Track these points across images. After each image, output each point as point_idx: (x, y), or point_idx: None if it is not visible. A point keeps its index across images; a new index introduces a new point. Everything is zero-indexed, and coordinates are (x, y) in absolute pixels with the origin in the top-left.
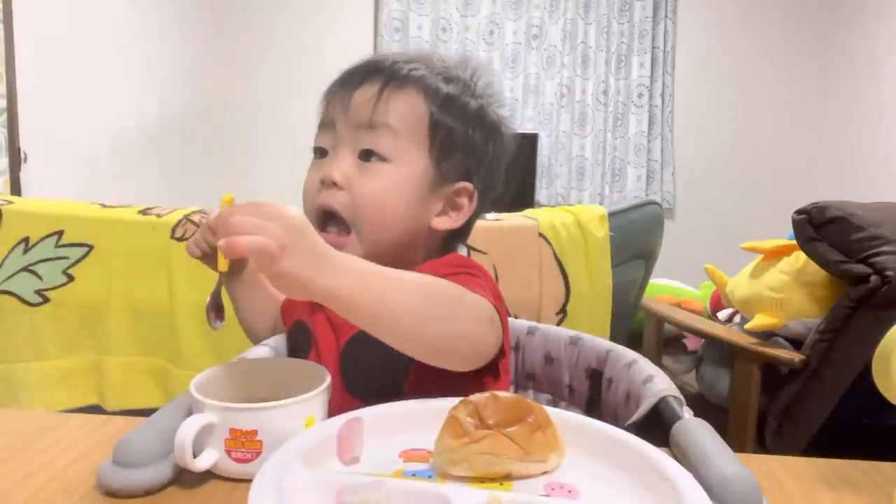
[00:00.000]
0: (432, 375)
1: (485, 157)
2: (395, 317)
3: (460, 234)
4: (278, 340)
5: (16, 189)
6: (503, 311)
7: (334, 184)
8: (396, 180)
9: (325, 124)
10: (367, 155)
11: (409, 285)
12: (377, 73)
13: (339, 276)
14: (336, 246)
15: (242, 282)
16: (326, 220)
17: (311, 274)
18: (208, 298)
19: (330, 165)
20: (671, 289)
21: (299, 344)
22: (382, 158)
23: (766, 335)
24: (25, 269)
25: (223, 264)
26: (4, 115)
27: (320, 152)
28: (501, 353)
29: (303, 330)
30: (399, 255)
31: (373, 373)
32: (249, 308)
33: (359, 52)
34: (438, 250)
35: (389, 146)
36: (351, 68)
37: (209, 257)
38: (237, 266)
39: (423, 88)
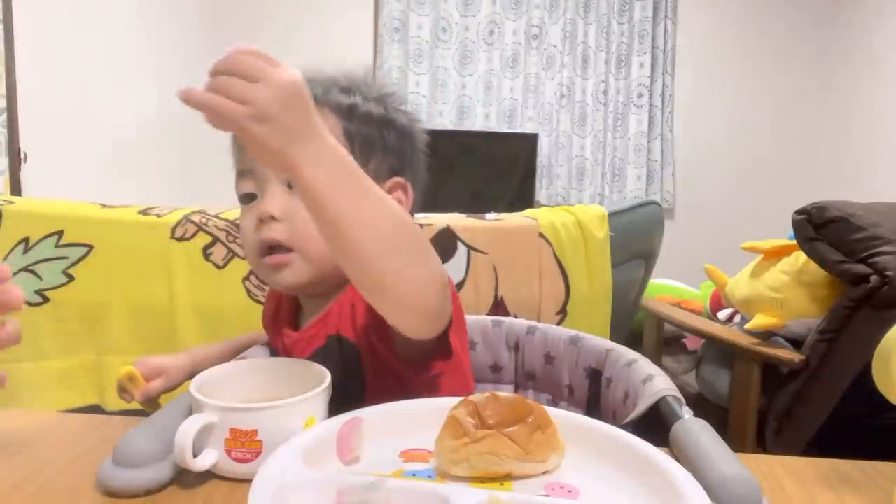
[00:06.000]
0: (388, 379)
1: (405, 154)
2: (358, 233)
3: None
4: None
5: (16, 189)
6: (454, 293)
7: (273, 218)
8: None
9: (244, 173)
10: None
11: (384, 207)
12: None
13: (315, 163)
14: (281, 263)
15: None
16: (270, 249)
17: (286, 150)
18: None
19: (265, 203)
20: (671, 289)
21: None
22: None
23: (766, 335)
24: (25, 269)
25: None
26: (4, 115)
27: (248, 198)
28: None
29: (272, 352)
30: None
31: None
32: None
33: (359, 52)
34: None
35: None
36: None
37: (147, 403)
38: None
39: (325, 104)
